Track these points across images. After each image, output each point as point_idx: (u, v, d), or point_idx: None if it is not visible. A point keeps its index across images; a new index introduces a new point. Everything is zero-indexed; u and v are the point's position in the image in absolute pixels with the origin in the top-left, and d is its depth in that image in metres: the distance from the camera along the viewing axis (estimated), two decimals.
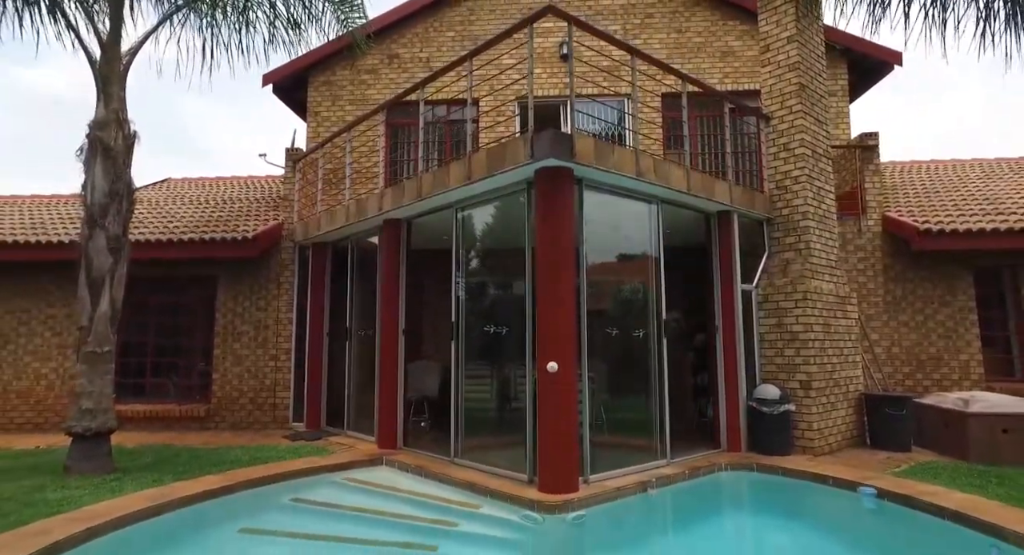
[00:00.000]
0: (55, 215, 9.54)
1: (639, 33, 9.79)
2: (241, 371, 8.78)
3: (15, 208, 9.94)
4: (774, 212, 7.38)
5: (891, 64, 9.30)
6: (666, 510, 5.05)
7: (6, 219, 9.23)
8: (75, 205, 10.16)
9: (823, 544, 4.40)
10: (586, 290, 5.39)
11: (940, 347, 8.43)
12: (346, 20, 8.09)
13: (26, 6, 6.10)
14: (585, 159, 5.14)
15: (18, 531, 3.89)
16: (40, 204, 10.25)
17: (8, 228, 8.81)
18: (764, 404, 6.56)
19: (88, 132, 6.05)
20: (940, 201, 9.12)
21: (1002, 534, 3.80)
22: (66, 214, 9.64)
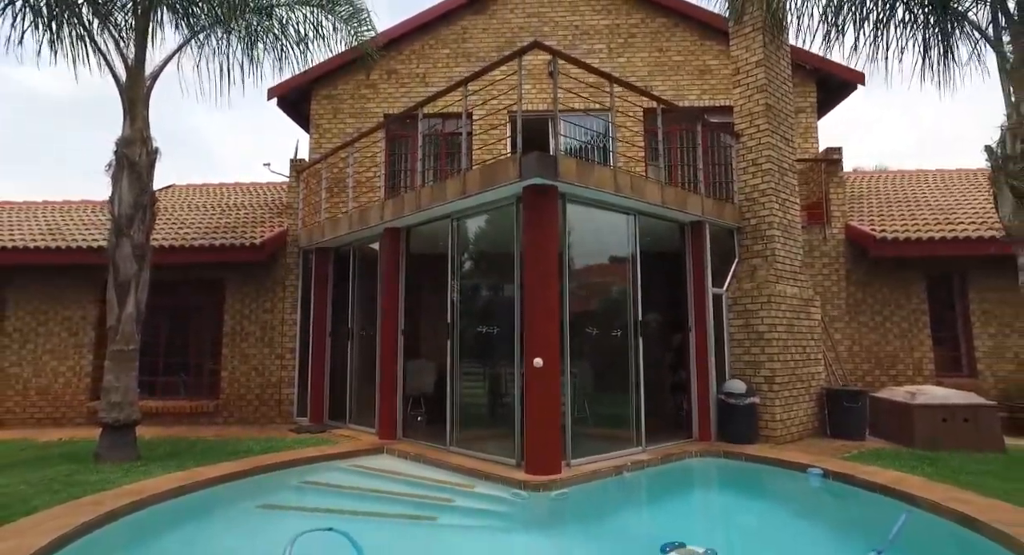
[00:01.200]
0: (69, 220, 10.05)
1: (623, 51, 10.44)
2: (248, 369, 9.34)
3: (31, 214, 10.43)
4: (743, 222, 8.05)
5: (854, 83, 10.01)
6: (638, 489, 5.69)
7: (24, 225, 9.73)
8: (88, 210, 10.68)
9: (771, 513, 5.08)
10: (569, 293, 6.03)
11: (896, 346, 9.15)
12: (357, 35, 8.66)
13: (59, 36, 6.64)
14: (568, 177, 5.78)
15: (74, 503, 4.47)
16: (54, 209, 10.75)
17: (27, 233, 9.32)
18: (732, 397, 7.22)
19: (115, 149, 6.62)
20: (899, 211, 9.86)
21: (915, 501, 4.49)
22: (79, 219, 10.15)
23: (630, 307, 6.74)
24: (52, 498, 4.69)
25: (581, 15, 10.47)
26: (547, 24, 10.50)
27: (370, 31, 8.77)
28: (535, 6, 10.55)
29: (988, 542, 3.77)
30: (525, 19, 10.54)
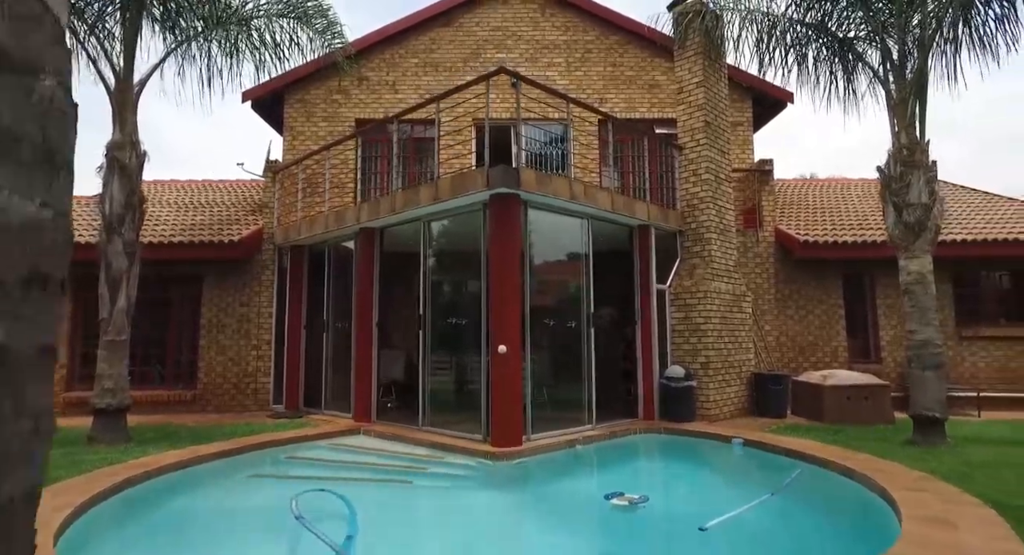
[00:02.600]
0: None
1: (580, 65, 11.31)
2: (225, 360, 9.82)
3: None
4: (685, 226, 9.04)
5: (785, 101, 11.16)
6: (588, 458, 6.56)
7: None
8: None
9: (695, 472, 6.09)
10: (530, 288, 6.85)
11: (816, 336, 10.37)
12: (330, 45, 9.22)
13: None
14: (529, 187, 6.59)
15: (90, 474, 5.02)
16: None
17: None
18: (673, 381, 8.20)
19: (106, 152, 7.05)
20: (822, 217, 11.08)
21: (808, 459, 5.52)
22: None
23: (584, 301, 7.61)
24: (65, 472, 5.20)
25: (542, 31, 11.28)
26: (510, 38, 11.27)
27: (342, 42, 9.35)
28: (499, 20, 11.29)
29: (856, 485, 4.79)
30: (490, 32, 11.27)
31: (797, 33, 7.66)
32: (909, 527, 3.52)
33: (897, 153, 6.46)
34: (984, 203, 11.54)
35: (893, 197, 6.45)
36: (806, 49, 7.66)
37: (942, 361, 6.36)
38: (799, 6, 7.42)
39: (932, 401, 6.24)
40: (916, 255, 6.39)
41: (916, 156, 6.38)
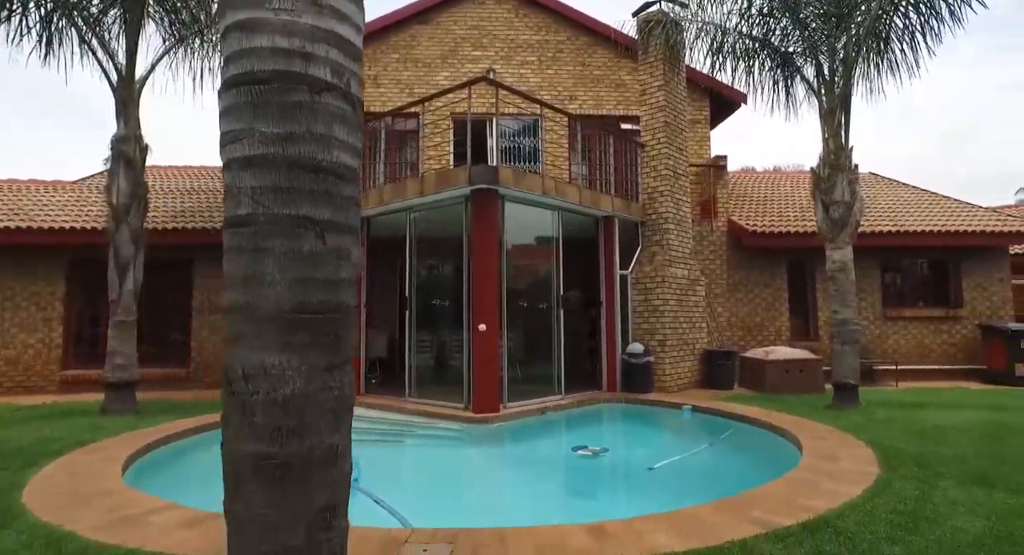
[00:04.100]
0: (32, 201, 10.55)
1: (551, 64, 12.05)
2: (217, 340, 10.38)
3: None
4: (645, 217, 9.96)
5: (739, 101, 12.13)
6: (557, 422, 7.49)
7: None
8: (41, 190, 11.15)
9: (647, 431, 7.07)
10: (506, 273, 7.66)
11: (763, 317, 11.49)
12: None
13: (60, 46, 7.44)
14: (506, 183, 7.37)
15: (122, 436, 5.68)
16: (16, 188, 11.12)
17: None
18: (633, 357, 9.15)
19: (112, 146, 7.54)
20: (770, 208, 12.17)
21: (743, 420, 6.57)
22: (37, 200, 10.65)
23: (554, 285, 8.48)
24: (95, 435, 5.83)
25: (516, 30, 11.95)
26: (486, 36, 11.92)
27: None
28: (475, 20, 11.92)
29: (778, 437, 5.80)
30: (467, 31, 11.89)
31: (745, 45, 8.56)
32: (805, 461, 4.52)
33: (826, 157, 7.46)
34: (912, 197, 12.81)
35: (822, 196, 7.46)
36: (753, 60, 8.58)
37: (857, 337, 7.45)
38: (746, 21, 8.31)
39: (849, 370, 7.33)
40: (840, 246, 7.43)
41: (841, 160, 7.39)
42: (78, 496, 3.83)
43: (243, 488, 1.32)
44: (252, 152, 1.32)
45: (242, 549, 1.32)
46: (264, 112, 1.32)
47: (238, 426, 1.32)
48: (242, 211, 1.32)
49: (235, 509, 1.36)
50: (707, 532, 3.13)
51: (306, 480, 1.34)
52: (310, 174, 1.35)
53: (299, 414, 1.32)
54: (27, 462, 4.72)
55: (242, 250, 1.32)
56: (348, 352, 1.38)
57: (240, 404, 1.31)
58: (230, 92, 1.36)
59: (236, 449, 1.35)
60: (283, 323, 1.30)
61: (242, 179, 1.33)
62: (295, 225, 1.32)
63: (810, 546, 2.94)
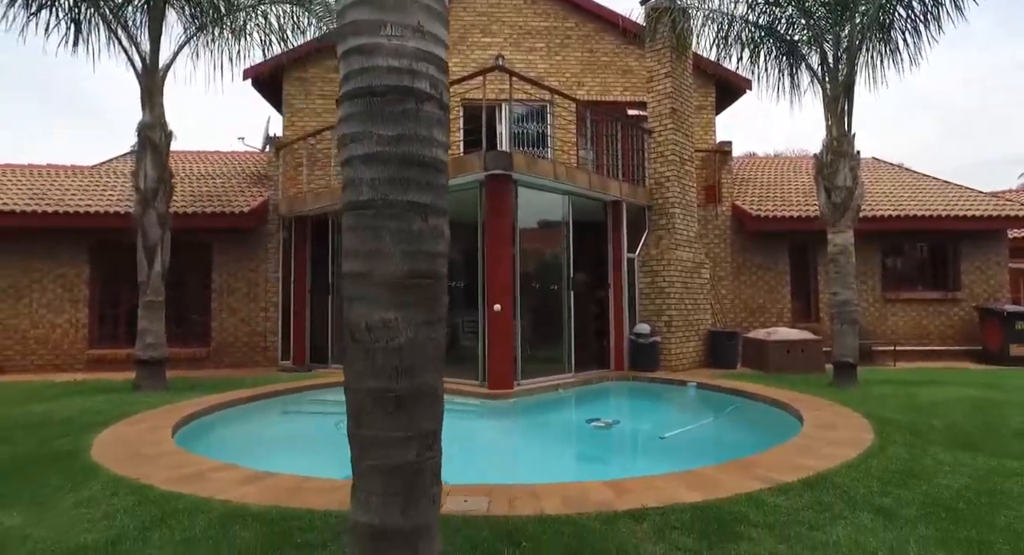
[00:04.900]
0: (54, 186, 10.82)
1: (559, 51, 12.21)
2: (236, 321, 10.74)
3: (12, 177, 11.07)
4: (652, 201, 10.23)
5: (744, 88, 12.31)
6: (569, 399, 7.85)
7: (9, 188, 10.45)
8: (66, 175, 11.42)
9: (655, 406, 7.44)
10: (519, 255, 7.96)
11: (765, 299, 11.81)
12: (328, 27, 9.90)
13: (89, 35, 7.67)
14: (519, 169, 7.64)
15: (160, 409, 6.03)
16: (37, 173, 11.39)
17: (13, 197, 10.11)
18: (640, 337, 9.49)
19: (138, 132, 7.79)
20: (774, 192, 12.42)
21: (746, 395, 6.91)
22: (60, 184, 10.92)
23: (564, 267, 8.79)
24: (135, 408, 6.18)
25: (524, 17, 12.10)
26: (495, 23, 12.07)
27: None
28: (484, 6, 12.07)
29: (779, 411, 6.15)
30: (476, 17, 12.04)
31: (751, 33, 8.75)
32: (805, 429, 4.87)
33: (829, 143, 7.71)
34: (913, 182, 13.05)
35: (824, 181, 7.73)
36: (759, 47, 8.78)
37: (856, 318, 7.76)
38: (752, 10, 8.49)
39: (848, 349, 7.66)
40: (841, 230, 7.70)
41: (844, 147, 7.64)
42: (141, 456, 4.18)
43: (366, 417, 1.65)
44: (371, 150, 1.62)
45: (367, 463, 1.64)
46: (380, 118, 1.61)
47: (361, 368, 1.64)
48: (363, 197, 1.62)
49: (360, 433, 1.68)
50: (717, 487, 3.47)
51: (415, 410, 1.66)
52: (416, 167, 1.65)
53: (410, 358, 1.64)
54: (82, 429, 5.07)
55: (363, 228, 1.62)
56: (442, 311, 1.69)
57: (364, 350, 1.62)
58: (351, 102, 1.66)
59: (360, 386, 1.67)
60: (396, 287, 1.61)
61: (363, 171, 1.63)
62: (405, 208, 1.62)
63: (810, 497, 3.28)
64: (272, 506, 3.19)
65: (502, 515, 3.07)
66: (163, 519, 3.03)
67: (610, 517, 3.03)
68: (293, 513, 3.10)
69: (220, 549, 2.70)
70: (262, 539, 2.80)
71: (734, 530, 2.89)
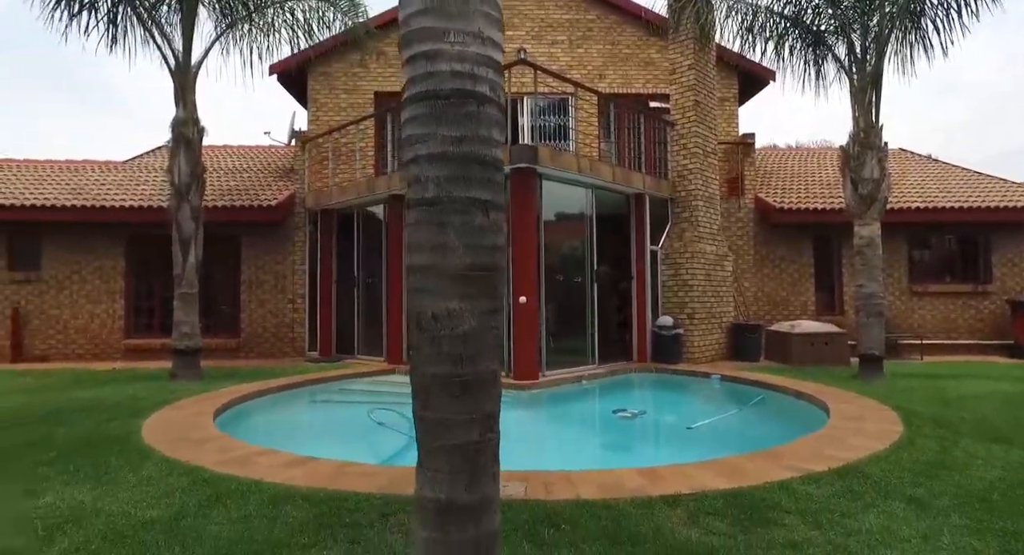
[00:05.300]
0: (90, 181, 11.14)
1: (581, 43, 12.19)
2: (264, 312, 10.99)
3: (52, 172, 11.42)
4: (675, 194, 10.23)
5: (768, 78, 12.18)
6: (593, 389, 7.95)
7: (49, 183, 10.80)
8: (101, 170, 11.74)
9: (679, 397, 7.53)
10: (544, 248, 8.05)
11: (788, 292, 11.76)
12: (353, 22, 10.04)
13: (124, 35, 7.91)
14: (543, 162, 7.71)
15: (198, 396, 6.26)
16: (73, 169, 11.74)
17: (54, 192, 10.44)
18: (663, 329, 9.53)
19: (172, 128, 8.01)
20: (798, 185, 12.32)
21: (770, 387, 6.94)
22: (95, 179, 11.24)
23: (588, 260, 8.85)
24: (174, 396, 6.41)
25: (546, 10, 12.10)
26: (517, 16, 12.08)
27: (363, 19, 10.18)
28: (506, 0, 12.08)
29: (805, 403, 6.18)
30: None
31: (776, 24, 8.68)
32: (832, 421, 4.91)
33: (856, 135, 7.65)
34: (942, 173, 12.84)
35: (851, 173, 7.68)
36: (783, 38, 8.70)
37: (882, 310, 7.73)
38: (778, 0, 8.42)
39: (874, 342, 7.63)
40: (867, 222, 7.66)
41: (871, 138, 7.58)
42: (189, 440, 4.38)
43: (432, 399, 1.77)
44: (435, 150, 1.72)
45: (433, 443, 1.77)
46: (444, 120, 1.72)
47: (428, 354, 1.76)
48: (428, 194, 1.73)
49: (425, 415, 1.81)
50: (747, 475, 3.55)
51: (478, 393, 1.78)
52: (477, 166, 1.75)
53: (473, 345, 1.75)
54: (129, 414, 5.30)
55: (429, 223, 1.73)
56: (501, 301, 1.80)
57: (430, 338, 1.74)
58: (416, 104, 1.76)
59: (426, 371, 1.79)
60: (460, 279, 1.72)
61: (428, 170, 1.74)
62: (468, 204, 1.72)
63: (841, 486, 3.34)
64: (319, 489, 3.33)
65: (540, 499, 3.18)
66: (218, 498, 3.20)
67: (645, 502, 3.12)
68: (338, 495, 3.25)
69: (275, 526, 2.85)
70: (313, 518, 2.95)
71: (766, 516, 2.96)
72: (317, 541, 2.71)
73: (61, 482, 3.47)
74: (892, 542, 2.64)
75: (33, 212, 10.05)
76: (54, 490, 3.32)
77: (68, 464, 3.79)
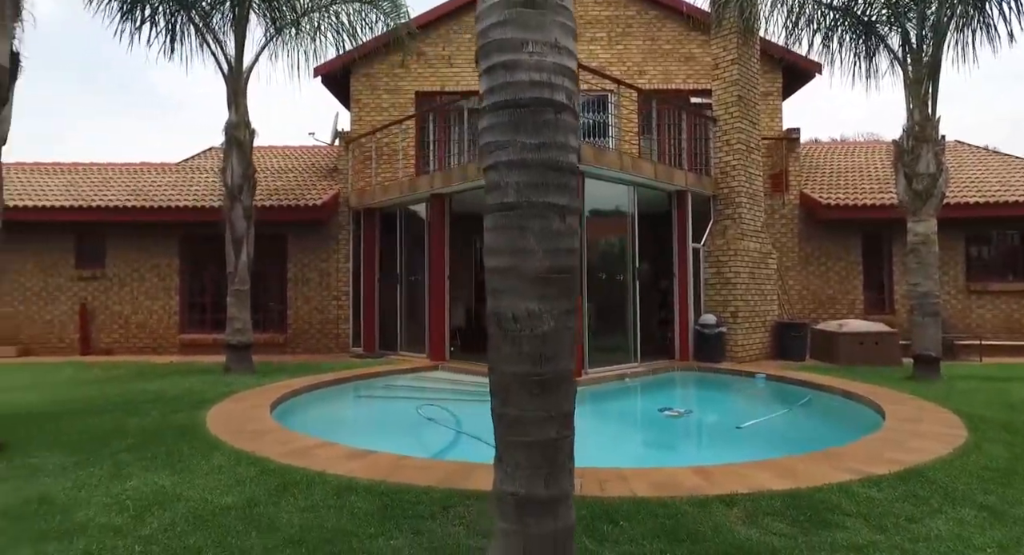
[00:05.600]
0: (148, 182, 11.65)
1: (620, 39, 12.11)
2: (310, 309, 11.30)
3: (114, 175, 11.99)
4: (717, 191, 10.08)
5: (813, 72, 11.87)
6: (636, 388, 7.92)
7: (112, 185, 11.33)
8: (156, 172, 12.25)
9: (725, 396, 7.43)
10: (586, 246, 8.05)
11: (836, 289, 11.46)
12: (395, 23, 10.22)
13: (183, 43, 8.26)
14: (587, 161, 7.71)
15: (254, 389, 6.50)
16: (132, 170, 12.30)
17: (117, 194, 10.96)
18: (705, 328, 9.42)
19: (225, 131, 8.31)
20: (845, 180, 11.97)
21: (818, 387, 6.80)
22: (152, 181, 11.74)
23: (629, 257, 8.82)
24: (230, 389, 6.68)
25: (585, 6, 12.04)
26: None
27: (405, 20, 10.34)
28: None
29: (856, 404, 6.04)
30: None
31: (824, 15, 8.45)
32: (889, 423, 4.79)
33: (910, 128, 7.40)
34: (1000, 166, 12.28)
35: (904, 167, 7.43)
36: (832, 30, 8.46)
37: (938, 309, 7.47)
38: None
39: (929, 342, 7.39)
40: (922, 219, 7.41)
41: (927, 131, 7.32)
42: (250, 432, 4.57)
43: (512, 397, 1.84)
44: (515, 157, 1.78)
45: (512, 440, 1.83)
46: (523, 127, 1.78)
47: (508, 354, 1.82)
48: (508, 199, 1.80)
49: (505, 412, 1.88)
50: (803, 476, 3.51)
51: (556, 392, 1.84)
52: (555, 172, 1.81)
53: (552, 345, 1.81)
54: (192, 406, 5.56)
55: (509, 228, 1.80)
56: (575, 302, 1.85)
57: (511, 338, 1.80)
58: (496, 113, 1.82)
59: (506, 370, 1.86)
60: (539, 281, 1.78)
61: (508, 176, 1.80)
62: (546, 209, 1.78)
63: (904, 490, 3.28)
64: (379, 481, 3.45)
65: (595, 496, 3.22)
66: (285, 487, 3.35)
67: (701, 501, 3.13)
68: (399, 487, 3.36)
69: (342, 516, 2.97)
70: (377, 509, 3.07)
71: (827, 518, 2.94)
72: (383, 531, 2.82)
73: (141, 468, 3.69)
74: (965, 550, 2.58)
75: (98, 213, 10.59)
76: (137, 475, 3.54)
77: (144, 451, 4.02)
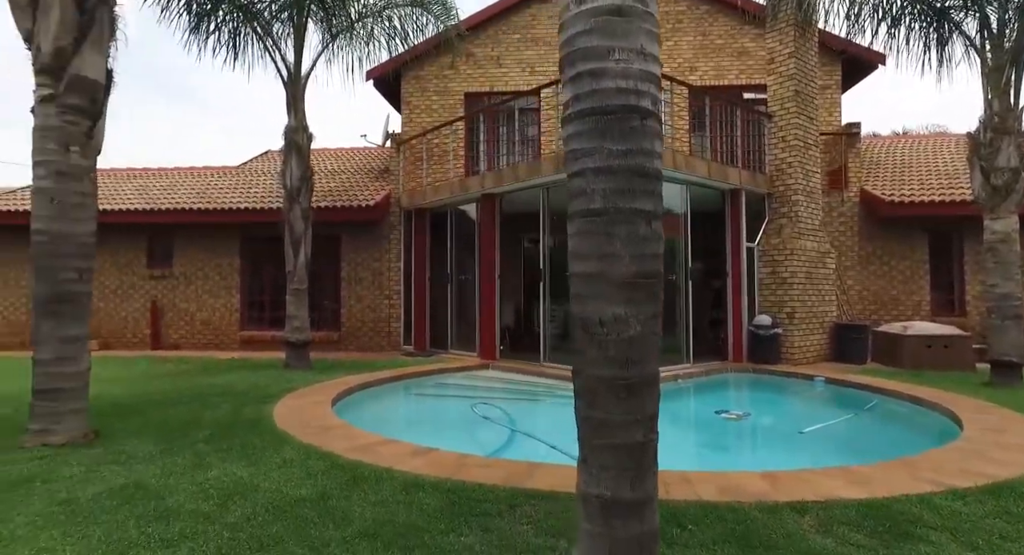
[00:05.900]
0: (210, 185, 12.19)
1: (671, 36, 11.89)
2: (363, 307, 11.59)
3: (180, 178, 12.61)
4: (773, 189, 9.80)
5: (876, 63, 11.38)
6: (689, 389, 7.80)
7: (179, 189, 11.91)
8: (217, 175, 12.80)
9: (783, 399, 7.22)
10: None
11: (899, 290, 10.96)
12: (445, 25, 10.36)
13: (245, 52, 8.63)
14: None
15: (314, 386, 6.72)
16: (196, 173, 12.91)
17: (183, 197, 11.51)
18: (760, 329, 9.18)
19: (284, 135, 8.61)
20: (910, 176, 11.43)
21: (883, 392, 6.53)
22: (214, 184, 12.27)
23: (682, 258, 8.67)
24: (291, 385, 6.91)
25: None
26: None
27: (455, 21, 10.45)
28: None
29: (927, 410, 5.77)
30: None
31: (891, 2, 8.08)
32: (968, 432, 4.56)
33: (988, 119, 7.00)
34: None
35: (981, 161, 7.04)
36: (899, 19, 8.09)
37: (1019, 312, 7.04)
38: None
39: (1009, 347, 6.99)
40: (1001, 216, 7.00)
41: (1008, 123, 6.91)
42: (316, 427, 4.74)
43: (598, 400, 1.86)
44: (602, 163, 1.80)
45: (598, 442, 1.85)
46: (610, 134, 1.79)
47: (594, 357, 1.85)
48: (595, 205, 1.82)
49: (592, 415, 1.90)
50: (878, 485, 3.39)
51: (642, 396, 1.85)
52: (640, 178, 1.82)
53: (639, 349, 1.82)
54: (258, 400, 5.80)
55: (596, 233, 1.82)
56: (660, 307, 1.85)
57: (597, 342, 1.82)
58: (582, 120, 1.85)
59: (593, 373, 1.88)
60: (626, 286, 1.80)
61: (595, 182, 1.82)
62: (633, 215, 1.79)
63: (994, 505, 3.12)
64: (444, 478, 3.52)
65: (661, 498, 3.18)
66: (355, 482, 3.46)
67: (771, 507, 3.07)
68: (465, 485, 3.42)
69: (411, 511, 3.05)
70: (445, 506, 3.13)
71: (908, 531, 2.83)
72: (452, 528, 2.88)
73: (219, 458, 3.88)
74: None
75: (168, 215, 11.16)
76: (216, 465, 3.73)
77: (220, 443, 4.23)
